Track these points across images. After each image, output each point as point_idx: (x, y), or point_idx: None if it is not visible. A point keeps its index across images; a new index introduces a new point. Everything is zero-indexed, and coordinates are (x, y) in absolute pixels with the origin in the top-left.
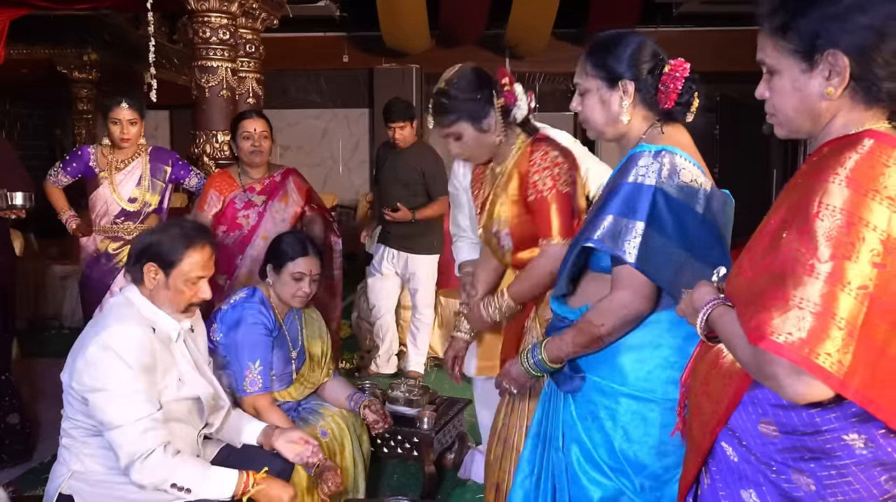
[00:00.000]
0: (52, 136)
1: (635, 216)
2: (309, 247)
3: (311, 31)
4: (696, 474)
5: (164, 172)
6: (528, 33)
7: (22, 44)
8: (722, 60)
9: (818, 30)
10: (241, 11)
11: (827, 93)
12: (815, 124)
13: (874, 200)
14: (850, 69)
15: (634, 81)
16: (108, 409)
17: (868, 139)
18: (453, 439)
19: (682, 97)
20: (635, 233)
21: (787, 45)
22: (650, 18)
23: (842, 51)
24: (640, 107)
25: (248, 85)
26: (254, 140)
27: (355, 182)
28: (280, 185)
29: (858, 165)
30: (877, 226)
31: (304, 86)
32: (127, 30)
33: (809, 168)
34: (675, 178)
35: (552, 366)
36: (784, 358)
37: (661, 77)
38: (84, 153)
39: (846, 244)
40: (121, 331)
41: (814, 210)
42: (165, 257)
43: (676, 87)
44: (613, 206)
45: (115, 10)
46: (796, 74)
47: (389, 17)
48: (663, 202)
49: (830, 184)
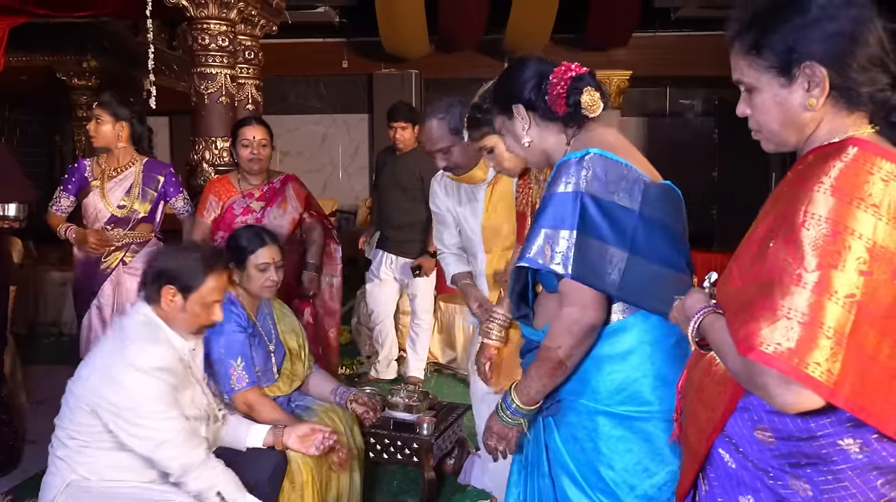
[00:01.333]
0: (52, 143)
1: (564, 225)
2: (266, 237)
3: (311, 37)
4: (693, 480)
5: (157, 182)
6: (526, 38)
7: (21, 51)
8: (720, 64)
9: (791, 44)
10: (240, 18)
11: (809, 104)
12: (800, 135)
13: (859, 208)
14: (829, 78)
15: (524, 103)
16: (147, 426)
17: (852, 147)
18: (453, 445)
19: (570, 98)
20: (568, 244)
21: (762, 63)
22: (648, 23)
23: (818, 61)
24: (542, 124)
25: (248, 91)
26: (253, 147)
27: (355, 187)
28: (279, 192)
29: (843, 174)
30: (862, 234)
31: (303, 91)
32: (126, 37)
33: (795, 176)
34: (600, 179)
35: (529, 408)
36: (773, 368)
37: (546, 89)
38: (80, 165)
39: (832, 253)
40: (153, 352)
41: (800, 219)
42: (185, 281)
43: (560, 91)
44: (544, 221)
45: (115, 17)
46: (776, 90)
47: (388, 22)
48: (592, 205)
49: (815, 192)
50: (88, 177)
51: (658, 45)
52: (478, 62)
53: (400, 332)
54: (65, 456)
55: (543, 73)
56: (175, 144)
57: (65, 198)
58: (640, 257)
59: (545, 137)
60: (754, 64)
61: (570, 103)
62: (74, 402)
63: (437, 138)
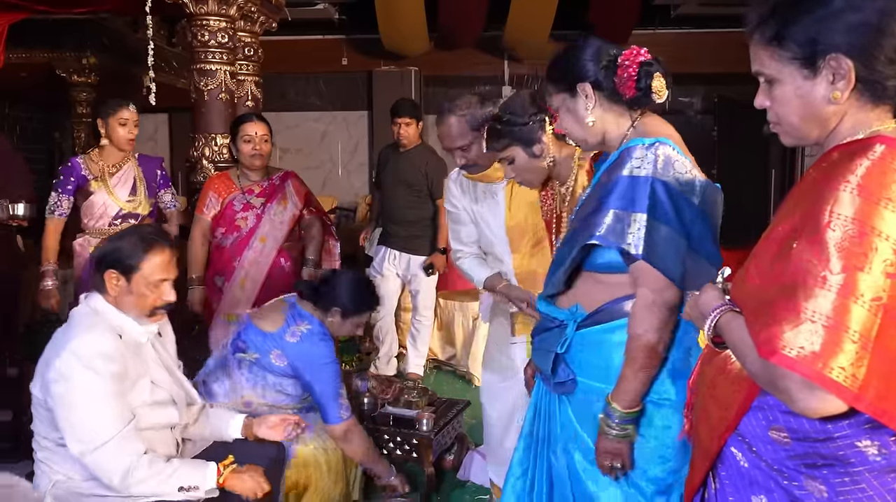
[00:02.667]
0: (52, 140)
1: (635, 208)
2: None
3: (310, 34)
4: (703, 478)
5: (156, 174)
6: (526, 35)
7: (21, 48)
8: (720, 62)
9: (814, 35)
10: (240, 15)
11: (833, 97)
12: (822, 129)
13: (887, 209)
14: (855, 70)
15: (590, 82)
16: (80, 426)
17: (879, 145)
18: (453, 440)
19: (640, 82)
20: (639, 225)
21: (784, 54)
22: (648, 20)
23: (844, 53)
24: (606, 105)
25: (247, 88)
26: (254, 143)
27: (354, 184)
28: (279, 188)
29: (869, 172)
30: (889, 235)
31: (302, 88)
32: (126, 33)
33: (819, 174)
34: (669, 169)
35: (633, 411)
36: (796, 372)
37: (616, 70)
38: (73, 164)
39: (858, 255)
40: (88, 340)
41: (825, 220)
42: (125, 262)
43: (631, 74)
44: (612, 201)
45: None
46: (799, 82)
47: (388, 19)
48: (663, 191)
49: (841, 192)
50: (86, 174)
51: (658, 43)
52: (477, 59)
53: (400, 329)
54: (44, 458)
55: (612, 54)
56: (174, 141)
57: (65, 200)
58: (692, 250)
59: (608, 119)
60: (776, 55)
61: (640, 86)
62: (35, 404)
63: (456, 135)
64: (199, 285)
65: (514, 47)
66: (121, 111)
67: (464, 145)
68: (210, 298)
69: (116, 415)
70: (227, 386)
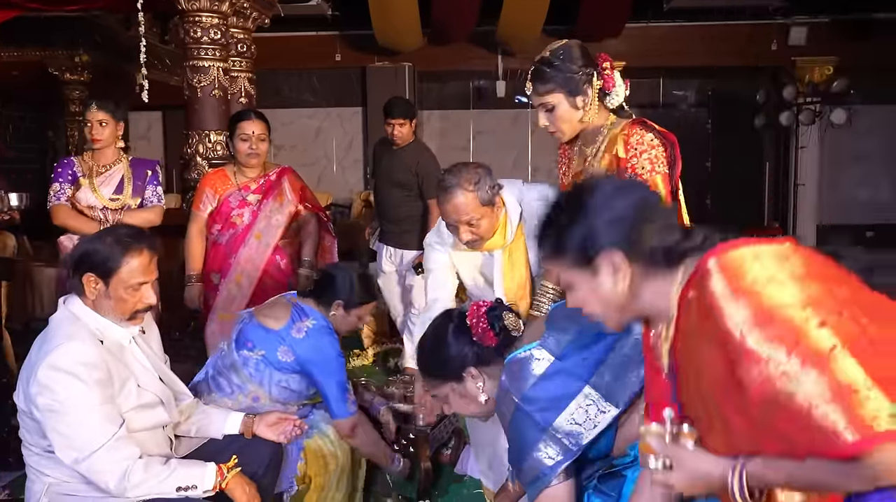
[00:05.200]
0: (45, 139)
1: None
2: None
3: (303, 30)
4: None
5: (147, 175)
6: (519, 30)
7: (12, 46)
8: (712, 55)
9: (583, 241)
10: (233, 11)
11: (618, 289)
12: (624, 311)
13: (766, 288)
14: (628, 257)
15: (468, 370)
16: (71, 435)
17: (710, 260)
18: (450, 435)
19: (495, 328)
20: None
21: (566, 262)
22: (641, 14)
23: (613, 248)
24: (487, 371)
25: (240, 84)
26: (251, 142)
27: (349, 180)
28: (275, 185)
29: (726, 279)
30: (785, 302)
31: (296, 85)
32: (118, 31)
33: (691, 325)
34: (518, 378)
35: None
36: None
37: (471, 331)
38: (68, 160)
39: (786, 334)
40: (69, 350)
41: (737, 336)
42: (103, 266)
43: (484, 327)
44: (522, 453)
45: (106, 11)
46: (589, 281)
47: (381, 15)
48: (533, 402)
49: (725, 308)
50: (77, 172)
51: (651, 36)
52: (471, 54)
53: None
54: (35, 463)
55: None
56: (168, 138)
57: (67, 186)
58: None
59: (488, 378)
60: (562, 265)
61: (497, 333)
62: (20, 414)
63: (466, 210)
64: (196, 282)
65: (507, 42)
66: (87, 113)
67: (471, 219)
68: (207, 295)
69: (106, 421)
70: (234, 382)
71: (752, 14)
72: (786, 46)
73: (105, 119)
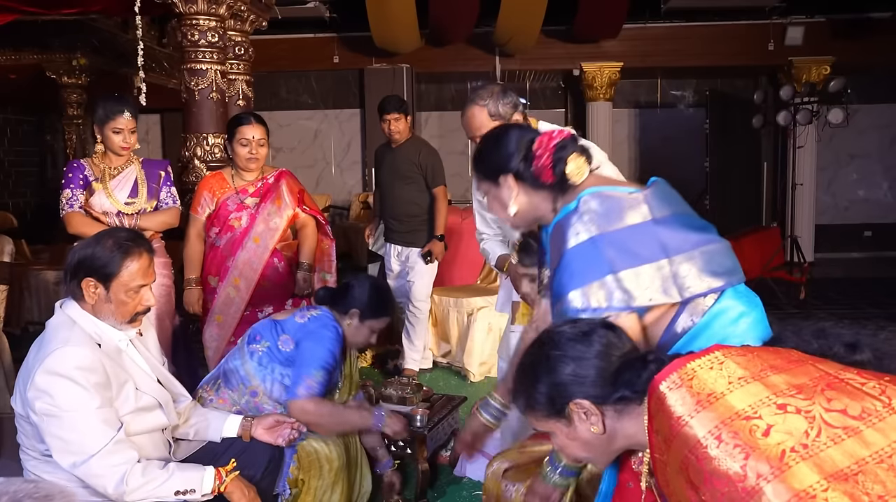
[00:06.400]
0: (43, 142)
1: (598, 274)
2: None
3: (301, 33)
4: None
5: (160, 177)
6: (517, 31)
7: (10, 49)
8: (710, 55)
9: (551, 395)
10: (230, 14)
11: (593, 431)
12: (612, 447)
13: (718, 401)
14: (594, 403)
15: (511, 173)
16: (68, 439)
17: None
18: (448, 436)
19: (556, 168)
20: (612, 286)
21: (540, 415)
22: (638, 14)
23: (581, 397)
24: (531, 191)
25: (238, 87)
26: (251, 147)
27: (348, 182)
28: (273, 188)
29: (677, 403)
30: (730, 415)
31: (294, 87)
32: (116, 34)
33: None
34: (604, 213)
35: (577, 465)
36: None
37: (532, 160)
38: (78, 164)
39: (736, 449)
40: (65, 354)
41: (693, 460)
42: (102, 270)
43: (546, 163)
44: (577, 279)
45: (104, 14)
46: (564, 429)
47: (379, 17)
48: (610, 244)
49: (684, 429)
50: (89, 175)
51: (648, 37)
52: (469, 55)
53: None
54: (32, 468)
55: (529, 141)
56: (166, 141)
57: (80, 193)
58: (680, 255)
59: (535, 202)
60: (537, 418)
61: (556, 173)
62: (17, 418)
63: (479, 124)
64: (195, 286)
65: (505, 43)
66: (115, 119)
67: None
68: (205, 298)
69: (104, 425)
70: (241, 374)
71: (749, 14)
72: (783, 46)
73: (134, 125)
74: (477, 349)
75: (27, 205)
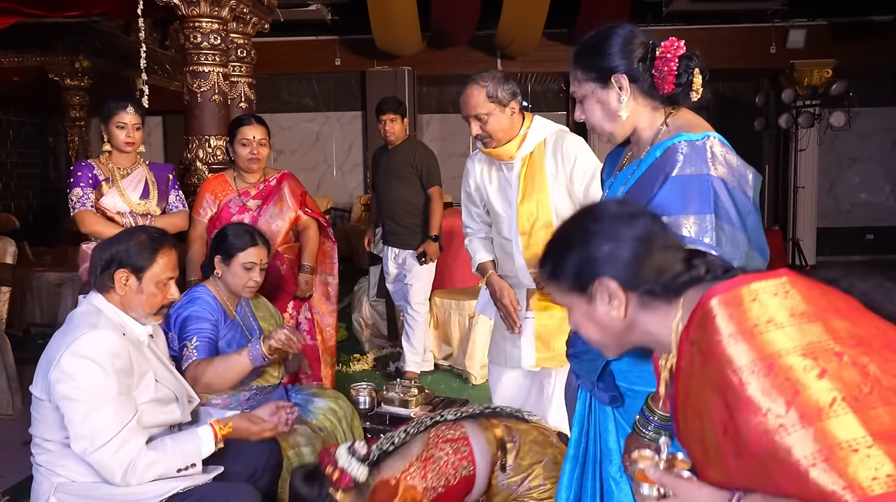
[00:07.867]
0: (45, 144)
1: (699, 210)
2: (257, 238)
3: (303, 35)
4: None
5: (168, 179)
6: (519, 34)
7: (13, 51)
8: (712, 58)
9: (579, 268)
10: (232, 16)
11: (613, 316)
12: (627, 337)
13: (767, 333)
14: (624, 286)
15: (627, 74)
16: (85, 424)
17: (711, 300)
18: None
19: (680, 78)
20: (711, 226)
21: (563, 286)
22: (640, 17)
23: (608, 276)
24: (641, 99)
25: (240, 89)
26: (252, 147)
27: (349, 184)
28: (275, 190)
29: (729, 320)
30: (786, 348)
31: (296, 89)
32: (118, 36)
33: (692, 365)
34: (726, 165)
35: None
36: None
37: (653, 62)
38: (86, 163)
39: (784, 384)
40: (93, 338)
41: (736, 381)
42: (136, 263)
43: (671, 69)
44: (672, 207)
45: (106, 16)
46: (584, 307)
47: (381, 19)
48: (722, 188)
49: (726, 351)
50: (98, 175)
51: None
52: (470, 58)
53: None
54: (45, 461)
55: (650, 45)
56: (168, 143)
57: (90, 192)
58: (750, 245)
59: (641, 114)
60: (558, 289)
61: (680, 82)
62: (37, 405)
63: (475, 104)
64: None
65: (506, 46)
66: (117, 116)
67: (480, 114)
68: None
69: (121, 413)
70: None
71: (751, 17)
72: (784, 49)
73: (139, 122)
74: (478, 351)
75: (29, 206)
